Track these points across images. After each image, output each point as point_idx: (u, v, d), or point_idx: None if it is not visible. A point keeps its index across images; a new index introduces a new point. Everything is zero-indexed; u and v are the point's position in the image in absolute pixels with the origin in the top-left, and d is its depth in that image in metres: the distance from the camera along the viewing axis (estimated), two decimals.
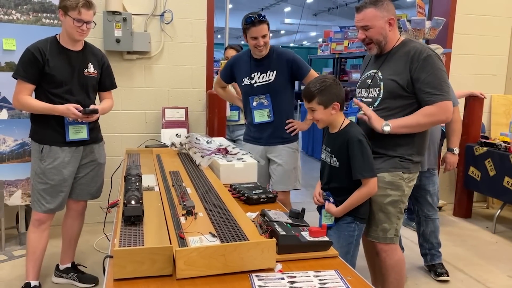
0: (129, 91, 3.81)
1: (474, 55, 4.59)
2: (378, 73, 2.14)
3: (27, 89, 2.42)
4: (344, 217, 2.02)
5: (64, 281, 2.81)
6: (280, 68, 2.76)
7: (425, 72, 2.00)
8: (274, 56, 2.77)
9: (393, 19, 2.10)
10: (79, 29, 2.40)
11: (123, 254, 1.20)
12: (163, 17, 3.77)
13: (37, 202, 2.52)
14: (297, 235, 1.44)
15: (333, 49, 6.90)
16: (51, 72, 2.41)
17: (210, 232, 1.42)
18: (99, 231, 3.40)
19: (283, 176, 2.81)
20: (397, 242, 2.19)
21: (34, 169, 2.52)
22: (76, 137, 2.52)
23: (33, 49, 2.40)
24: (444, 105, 2.01)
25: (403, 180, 2.12)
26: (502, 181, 3.74)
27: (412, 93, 2.06)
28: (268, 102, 2.79)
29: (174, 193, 1.87)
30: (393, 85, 2.08)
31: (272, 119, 2.80)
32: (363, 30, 2.11)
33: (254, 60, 2.81)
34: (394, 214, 2.13)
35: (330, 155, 2.04)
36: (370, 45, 2.14)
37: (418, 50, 2.04)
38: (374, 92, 2.15)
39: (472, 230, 4.03)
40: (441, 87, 2.00)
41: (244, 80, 2.85)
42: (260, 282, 1.22)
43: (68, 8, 2.36)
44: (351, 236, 2.03)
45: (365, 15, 2.08)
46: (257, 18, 2.63)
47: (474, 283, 2.99)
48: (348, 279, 1.26)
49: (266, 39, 2.70)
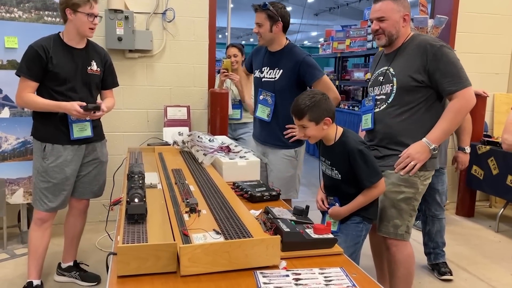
0: (131, 89, 3.80)
1: (476, 53, 4.58)
2: (390, 69, 2.15)
3: (30, 86, 2.40)
4: (353, 217, 2.00)
5: (66, 280, 2.81)
6: (286, 68, 2.64)
7: (441, 62, 2.02)
8: (285, 53, 2.67)
9: (408, 16, 2.13)
10: (92, 24, 2.41)
11: (127, 250, 1.19)
12: (165, 15, 3.77)
13: (39, 200, 2.51)
14: (302, 232, 1.43)
15: (334, 48, 6.88)
16: (54, 69, 2.40)
17: (214, 229, 1.41)
18: (101, 230, 3.39)
19: (276, 183, 2.64)
20: (408, 239, 2.18)
21: (36, 167, 2.51)
22: (80, 135, 2.51)
23: (36, 46, 2.39)
24: (467, 92, 2.04)
25: (418, 178, 2.12)
26: (505, 179, 3.73)
27: (427, 85, 2.07)
28: (271, 101, 2.70)
29: (177, 190, 1.86)
30: (406, 79, 2.09)
31: (269, 120, 2.72)
32: (378, 21, 2.12)
33: (268, 54, 2.75)
34: (406, 211, 2.14)
35: (331, 168, 2.02)
36: (380, 35, 2.15)
37: (429, 42, 2.06)
38: (387, 88, 2.15)
39: (475, 229, 4.02)
40: (460, 74, 2.04)
41: (255, 72, 2.83)
42: (264, 279, 1.21)
43: (78, 4, 2.35)
44: (359, 236, 2.01)
45: (383, 6, 2.10)
46: (257, 6, 2.60)
47: (477, 282, 2.98)
48: (353, 276, 1.25)
49: (261, 29, 2.61)
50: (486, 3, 4.50)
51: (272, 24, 2.60)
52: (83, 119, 2.48)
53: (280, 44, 2.69)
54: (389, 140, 2.13)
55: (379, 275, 2.51)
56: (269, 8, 2.57)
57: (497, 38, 4.60)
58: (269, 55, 2.74)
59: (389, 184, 2.12)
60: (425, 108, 2.11)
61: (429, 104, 2.11)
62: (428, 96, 2.09)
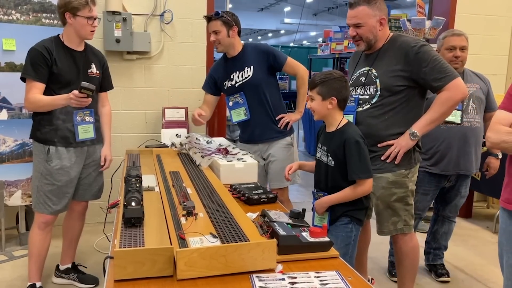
0: (129, 91, 3.81)
1: (474, 54, 4.56)
2: (372, 70, 2.18)
3: (37, 88, 2.37)
4: (341, 218, 2.00)
5: (65, 282, 2.81)
6: (256, 62, 2.76)
7: (424, 62, 2.05)
8: (248, 51, 2.79)
9: (384, 19, 2.15)
10: (92, 27, 2.42)
11: (123, 255, 1.20)
12: (163, 17, 3.77)
13: (43, 204, 2.49)
14: (298, 235, 1.44)
15: (333, 48, 6.89)
16: (59, 72, 2.40)
17: (210, 233, 1.41)
18: (100, 231, 3.39)
19: (278, 172, 2.76)
20: (410, 231, 2.27)
21: (39, 170, 2.48)
22: (85, 136, 2.52)
23: (40, 48, 2.38)
24: (455, 83, 2.04)
25: (406, 178, 2.19)
26: (502, 180, 3.73)
27: (410, 86, 2.11)
28: (243, 100, 2.79)
29: (175, 193, 1.87)
30: (390, 81, 2.12)
31: (248, 117, 2.80)
32: (354, 28, 2.15)
33: (229, 61, 2.82)
34: (400, 208, 2.22)
35: (326, 154, 2.02)
36: (359, 41, 2.18)
37: (409, 43, 2.10)
38: (371, 89, 2.18)
39: (472, 230, 4.03)
40: (445, 69, 2.05)
41: (225, 84, 2.85)
42: (260, 283, 1.22)
43: (78, 8, 2.36)
44: (349, 237, 2.01)
45: (358, 13, 2.12)
46: (211, 15, 2.70)
47: (475, 283, 2.99)
48: (349, 280, 1.26)
49: (219, 36, 2.69)
50: (483, 4, 4.51)
51: (229, 30, 2.71)
52: (87, 121, 2.49)
53: (239, 47, 2.80)
54: (372, 140, 2.13)
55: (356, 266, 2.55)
56: (223, 15, 2.69)
57: (495, 39, 4.61)
58: (231, 60, 2.81)
59: (380, 189, 2.18)
60: (407, 108, 2.15)
61: (411, 103, 2.15)
62: (410, 95, 2.14)
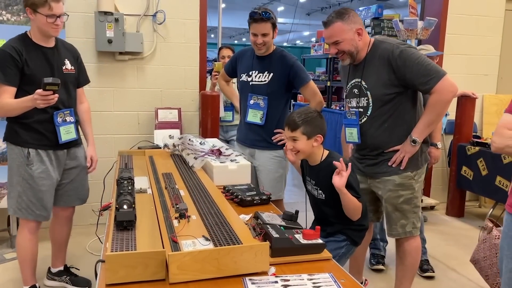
0: (121, 92, 3.78)
1: (466, 55, 4.62)
2: (362, 82, 2.20)
3: (8, 92, 2.25)
4: (337, 234, 1.98)
5: (57, 284, 2.78)
6: (277, 72, 2.68)
7: (407, 67, 2.05)
8: (276, 58, 2.70)
9: (361, 29, 2.15)
10: (54, 25, 2.26)
11: (115, 258, 1.19)
12: (156, 17, 3.75)
13: (27, 209, 2.40)
14: (291, 238, 1.44)
15: (326, 49, 6.90)
16: (31, 72, 2.29)
17: (203, 236, 1.41)
18: (92, 233, 3.37)
19: (270, 184, 2.68)
20: (417, 233, 2.30)
21: (20, 174, 2.36)
22: (67, 138, 2.44)
23: (8, 49, 2.24)
24: (441, 85, 2.04)
25: (412, 179, 2.22)
26: (494, 180, 3.77)
27: (401, 92, 2.12)
28: (264, 105, 2.71)
29: (167, 195, 1.85)
30: (380, 92, 2.14)
31: (263, 123, 2.73)
32: (334, 45, 2.15)
33: (256, 58, 2.76)
34: (409, 210, 2.25)
35: (316, 188, 2.02)
36: (343, 56, 2.18)
37: (389, 50, 2.09)
38: (363, 101, 2.21)
39: (464, 229, 4.06)
40: (429, 70, 2.04)
41: (242, 76, 2.81)
42: (253, 286, 1.21)
43: (36, 4, 2.21)
44: (336, 250, 1.92)
45: (333, 31, 2.12)
46: (260, 15, 2.54)
47: (466, 282, 3.01)
48: (341, 282, 1.26)
49: (267, 38, 2.61)
50: (475, 5, 4.54)
51: (273, 32, 2.65)
52: (68, 121, 2.42)
53: (272, 48, 2.73)
54: (380, 149, 2.22)
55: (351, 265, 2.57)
56: (273, 16, 2.60)
57: (486, 39, 4.64)
58: (258, 59, 2.75)
59: (387, 191, 2.22)
60: (404, 110, 2.17)
61: (406, 105, 2.17)
62: (403, 100, 2.15)
